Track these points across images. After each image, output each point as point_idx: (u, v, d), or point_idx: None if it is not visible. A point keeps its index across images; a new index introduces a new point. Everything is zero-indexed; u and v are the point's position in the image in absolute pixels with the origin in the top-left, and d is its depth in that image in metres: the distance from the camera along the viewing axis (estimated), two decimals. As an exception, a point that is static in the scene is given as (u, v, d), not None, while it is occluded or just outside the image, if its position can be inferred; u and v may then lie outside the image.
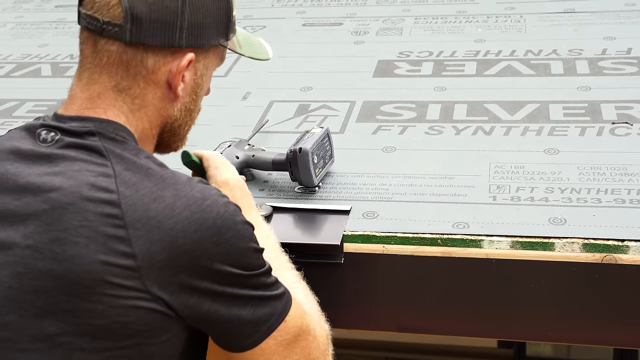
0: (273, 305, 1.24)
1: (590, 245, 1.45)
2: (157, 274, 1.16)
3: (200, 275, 1.18)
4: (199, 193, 1.20)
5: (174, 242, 1.16)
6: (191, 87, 1.33)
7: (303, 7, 2.81)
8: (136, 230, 1.15)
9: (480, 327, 1.54)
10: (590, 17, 2.53)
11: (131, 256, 1.15)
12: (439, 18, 2.61)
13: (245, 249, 1.21)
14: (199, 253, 1.17)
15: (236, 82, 2.25)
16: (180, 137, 1.38)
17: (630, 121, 1.87)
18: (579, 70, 2.16)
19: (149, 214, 1.16)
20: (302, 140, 1.66)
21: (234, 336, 1.23)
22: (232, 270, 1.20)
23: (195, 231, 1.17)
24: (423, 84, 2.16)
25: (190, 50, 1.29)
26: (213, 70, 1.39)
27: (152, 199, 1.18)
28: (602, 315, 1.46)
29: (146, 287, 1.15)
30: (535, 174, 1.68)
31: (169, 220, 1.16)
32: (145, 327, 1.17)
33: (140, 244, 1.15)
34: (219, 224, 1.19)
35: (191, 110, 1.36)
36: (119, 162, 1.21)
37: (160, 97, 1.30)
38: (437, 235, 1.51)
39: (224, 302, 1.20)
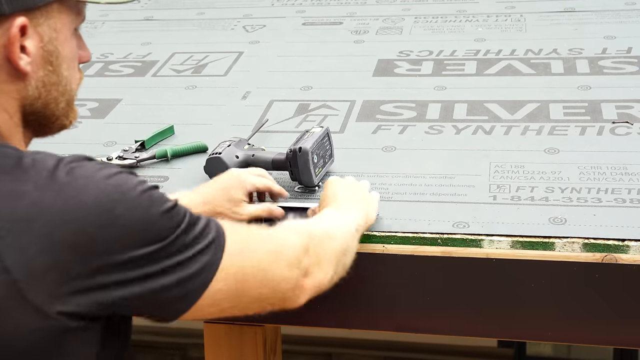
0: (202, 260, 1.10)
1: (590, 245, 1.45)
2: (42, 282, 0.98)
3: (102, 269, 1.01)
4: (70, 174, 1.02)
5: (51, 241, 0.99)
6: (41, 56, 1.11)
7: (303, 6, 2.81)
8: (2, 239, 0.98)
9: (481, 327, 1.54)
10: (590, 16, 2.53)
11: (3, 272, 0.97)
12: (439, 17, 2.61)
13: (149, 216, 1.05)
14: (86, 242, 1.00)
15: (236, 82, 2.25)
16: (56, 115, 1.17)
17: (631, 120, 1.87)
18: (579, 70, 2.16)
19: (14, 216, 0.99)
20: (302, 139, 1.66)
21: (166, 307, 1.10)
22: (140, 251, 1.03)
23: (75, 219, 1.00)
24: (423, 83, 2.16)
25: (20, 14, 1.08)
26: (70, 30, 1.16)
27: (15, 198, 1.00)
28: (603, 315, 1.46)
29: (34, 304, 0.98)
30: (535, 174, 1.68)
31: (39, 218, 0.99)
32: (47, 349, 1.01)
33: (11, 255, 0.97)
34: (103, 201, 1.01)
35: (54, 83, 1.14)
36: None
37: (5, 78, 1.09)
38: (437, 235, 1.51)
39: (143, 283, 1.05)
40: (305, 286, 1.25)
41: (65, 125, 1.20)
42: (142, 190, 1.06)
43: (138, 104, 2.17)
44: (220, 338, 1.70)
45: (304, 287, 1.25)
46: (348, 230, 1.38)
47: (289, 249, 1.23)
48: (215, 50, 2.48)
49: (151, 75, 2.34)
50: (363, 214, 1.45)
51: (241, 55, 2.43)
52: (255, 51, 2.46)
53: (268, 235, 1.26)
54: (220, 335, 1.70)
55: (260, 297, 1.20)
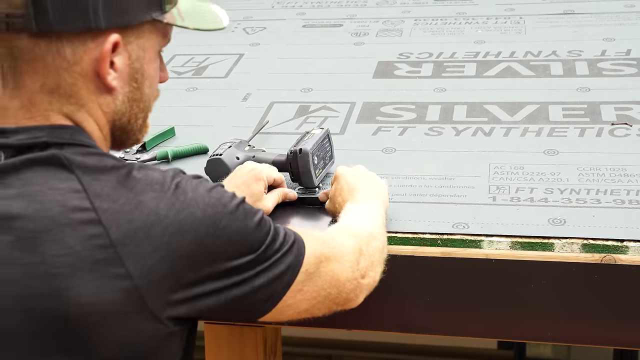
0: (286, 263, 1.18)
1: (589, 246, 1.45)
2: (159, 289, 1.05)
3: (208, 277, 1.09)
4: (178, 188, 1.08)
5: (169, 249, 1.05)
6: (127, 74, 1.15)
7: (303, 8, 2.82)
8: (125, 246, 1.03)
9: (480, 328, 1.54)
10: (589, 18, 2.53)
11: (126, 277, 1.03)
12: (439, 19, 2.62)
13: (246, 228, 1.13)
14: (200, 252, 1.07)
15: (236, 83, 2.26)
16: (134, 131, 1.22)
17: (630, 122, 1.87)
18: (579, 72, 2.16)
19: (134, 224, 1.04)
20: (302, 141, 1.66)
21: (252, 308, 1.18)
22: (240, 261, 1.12)
23: (189, 230, 1.07)
24: (423, 85, 2.17)
25: (114, 31, 1.11)
26: (156, 51, 1.21)
27: (133, 207, 1.05)
28: (602, 315, 1.47)
29: (149, 308, 1.04)
30: (534, 175, 1.68)
31: (157, 227, 1.05)
32: (151, 350, 1.07)
33: (133, 261, 1.03)
34: (209, 213, 1.09)
35: (136, 100, 1.18)
36: (84, 172, 1.06)
37: (95, 91, 1.13)
38: (436, 236, 1.51)
39: (239, 288, 1.13)
40: (363, 286, 1.33)
41: (139, 140, 1.25)
42: (237, 203, 1.13)
43: (139, 105, 2.17)
44: (220, 339, 1.70)
45: (363, 287, 1.33)
46: (382, 226, 1.43)
47: (349, 252, 1.30)
48: (216, 52, 2.49)
49: (152, 77, 2.35)
50: (383, 206, 1.48)
51: (242, 57, 2.43)
52: (256, 53, 2.47)
53: (329, 238, 1.31)
54: (220, 337, 1.70)
55: (329, 296, 1.28)
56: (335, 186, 1.52)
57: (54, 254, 1.01)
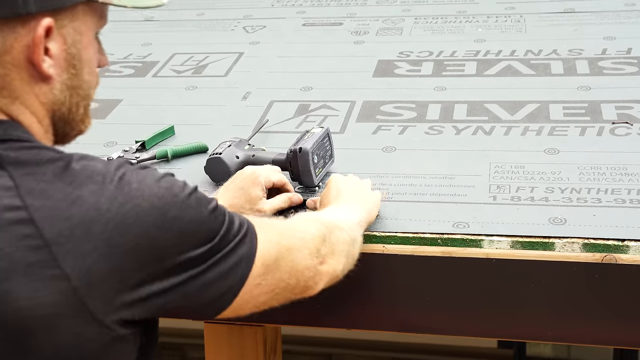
0: (239, 254, 1.11)
1: (590, 245, 1.45)
2: (100, 290, 0.98)
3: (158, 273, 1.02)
4: (122, 179, 1.01)
5: (110, 246, 0.98)
6: (64, 59, 1.08)
7: (303, 7, 2.81)
8: (60, 246, 0.96)
9: (480, 327, 1.54)
10: (590, 17, 2.53)
11: (63, 278, 0.96)
12: (439, 18, 2.61)
13: (199, 217, 1.06)
14: (147, 246, 1.00)
15: (236, 82, 2.25)
16: (76, 121, 1.14)
17: (630, 121, 1.87)
18: (579, 70, 2.16)
19: (71, 222, 0.97)
20: (302, 140, 1.66)
21: (207, 303, 1.11)
22: (193, 253, 1.05)
23: (133, 223, 0.99)
24: (423, 83, 2.16)
25: (46, 14, 1.04)
26: (93, 33, 1.13)
27: (70, 202, 0.98)
28: (602, 315, 1.46)
29: (89, 310, 0.98)
30: (535, 174, 1.68)
31: (97, 223, 0.98)
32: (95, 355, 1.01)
33: (70, 261, 0.96)
34: (157, 204, 1.01)
35: (75, 87, 1.11)
36: (16, 168, 0.99)
37: (29, 80, 1.06)
38: (437, 235, 1.51)
39: (193, 283, 1.06)
40: (322, 274, 1.28)
41: (82, 131, 1.17)
42: (189, 192, 1.06)
43: (138, 104, 2.17)
44: (220, 338, 1.70)
45: (322, 274, 1.28)
46: (353, 222, 1.40)
47: (309, 239, 1.26)
48: (216, 50, 2.48)
49: (152, 76, 2.35)
50: (365, 212, 1.46)
51: (241, 56, 2.43)
52: (256, 52, 2.46)
53: (290, 226, 1.28)
54: (220, 335, 1.70)
55: (287, 287, 1.23)
56: (324, 192, 1.51)
57: None
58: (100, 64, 1.18)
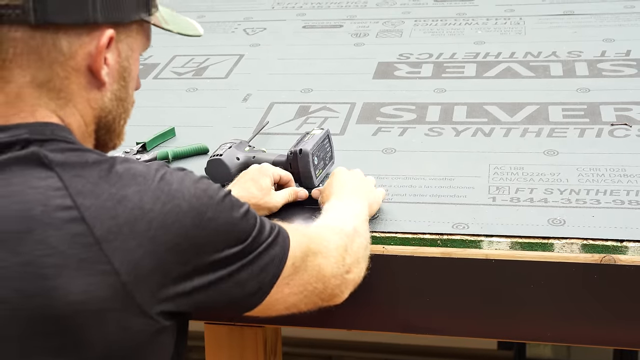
0: (272, 254, 1.17)
1: (589, 246, 1.46)
2: (146, 284, 1.03)
3: (196, 270, 1.08)
4: (163, 180, 1.06)
5: (154, 243, 1.03)
6: (117, 71, 1.15)
7: (303, 9, 2.82)
8: (109, 243, 1.01)
9: (480, 328, 1.54)
10: (589, 19, 2.54)
11: (113, 274, 1.01)
12: (439, 20, 2.62)
13: (232, 219, 1.11)
14: (186, 245, 1.06)
15: (236, 84, 2.26)
16: (117, 132, 1.21)
17: (629, 123, 1.88)
18: (578, 72, 2.17)
19: (118, 220, 1.02)
20: (303, 141, 1.67)
21: (240, 299, 1.17)
22: (227, 252, 1.11)
23: (174, 222, 1.05)
24: (423, 85, 2.17)
25: (109, 26, 1.11)
26: (139, 53, 1.21)
27: (116, 202, 1.03)
28: (601, 315, 1.47)
29: (137, 303, 1.03)
30: (534, 175, 1.68)
31: (141, 221, 1.03)
32: (142, 345, 1.06)
33: (119, 257, 1.01)
34: (195, 205, 1.07)
35: (122, 99, 1.18)
36: (65, 169, 1.04)
37: (85, 86, 1.12)
38: (436, 236, 1.51)
39: (227, 280, 1.12)
40: (348, 282, 1.33)
41: (116, 145, 1.23)
42: (224, 194, 1.12)
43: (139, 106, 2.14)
44: (220, 339, 1.70)
45: (348, 283, 1.33)
46: (365, 223, 1.44)
47: (333, 248, 1.31)
48: (216, 53, 2.49)
49: (152, 78, 2.35)
50: (367, 207, 1.49)
51: (242, 58, 2.44)
52: (256, 54, 2.47)
53: (316, 233, 1.32)
54: (220, 337, 1.70)
55: (315, 291, 1.28)
56: (328, 182, 1.55)
57: (39, 254, 1.00)
58: (137, 86, 1.24)
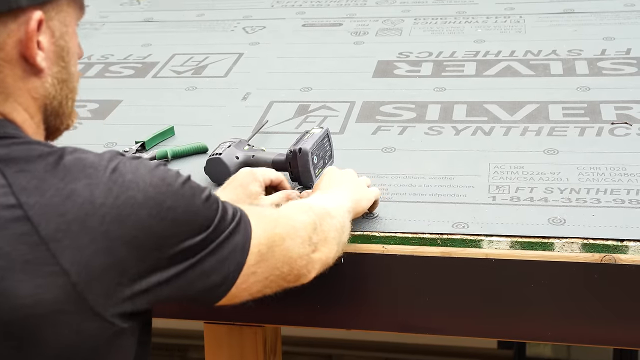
0: (234, 242, 1.12)
1: (589, 245, 1.45)
2: (100, 284, 0.98)
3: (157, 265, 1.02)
4: (115, 171, 1.01)
5: (109, 239, 0.98)
6: (54, 52, 1.08)
7: (303, 7, 2.81)
8: (58, 242, 0.96)
9: (480, 327, 1.54)
10: (589, 17, 2.53)
11: (62, 274, 0.96)
12: (439, 18, 2.62)
13: (193, 207, 1.06)
14: (144, 238, 1.00)
15: (236, 83, 2.26)
16: (67, 114, 1.14)
17: (630, 121, 1.87)
18: (579, 71, 2.16)
19: (67, 217, 0.96)
20: (302, 140, 1.66)
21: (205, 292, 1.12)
22: (189, 242, 1.05)
23: (129, 214, 0.99)
24: (423, 84, 2.17)
25: (35, 8, 1.04)
26: (75, 25, 1.13)
27: (64, 197, 0.97)
28: (601, 315, 1.47)
29: (90, 305, 0.98)
30: (534, 174, 1.68)
31: (93, 217, 0.97)
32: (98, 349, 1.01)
33: (68, 257, 0.96)
34: (152, 194, 1.01)
35: (65, 80, 1.12)
36: (8, 165, 0.99)
37: (22, 76, 1.05)
38: (436, 236, 1.51)
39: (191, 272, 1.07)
40: (315, 262, 1.29)
41: (69, 125, 1.17)
42: (183, 181, 1.07)
43: (138, 105, 2.18)
44: (220, 339, 1.70)
45: (314, 262, 1.29)
46: (342, 209, 1.40)
47: (301, 227, 1.26)
48: (215, 51, 2.48)
49: (151, 77, 2.35)
50: (352, 201, 1.45)
51: (241, 57, 2.43)
52: (255, 52, 2.46)
53: (281, 214, 1.28)
54: (220, 336, 1.70)
55: (281, 275, 1.23)
56: (318, 181, 1.52)
57: None
58: (79, 56, 1.17)
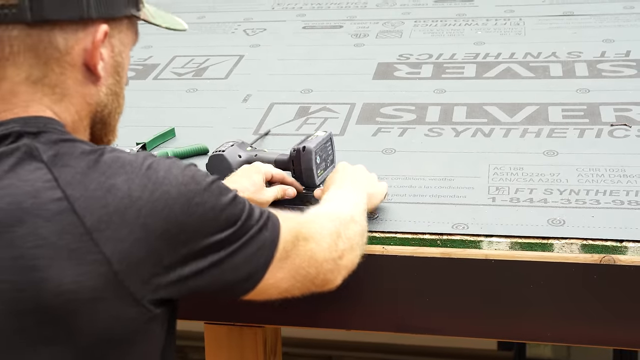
0: (262, 239, 1.18)
1: (588, 246, 1.46)
2: (138, 272, 1.05)
3: (187, 256, 1.09)
4: (150, 169, 1.08)
5: (145, 231, 1.05)
6: (111, 65, 1.17)
7: (303, 9, 2.82)
8: (101, 232, 1.02)
9: (480, 328, 1.54)
10: (589, 20, 2.54)
11: (104, 263, 1.03)
12: (439, 21, 2.62)
13: (220, 204, 1.12)
14: (175, 231, 1.07)
15: (236, 85, 2.26)
16: (112, 127, 1.22)
17: (629, 123, 1.88)
18: (578, 73, 2.17)
19: (108, 209, 1.03)
20: (306, 140, 1.67)
21: (234, 284, 1.18)
22: (217, 237, 1.12)
23: (163, 209, 1.06)
24: (423, 86, 2.17)
25: (102, 21, 1.13)
26: (130, 48, 1.23)
27: (105, 191, 1.04)
28: (601, 315, 1.47)
29: (130, 291, 1.04)
30: (534, 176, 1.69)
31: (131, 209, 1.04)
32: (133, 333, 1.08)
33: (110, 246, 1.03)
34: (183, 191, 1.08)
35: (117, 94, 1.20)
36: (54, 161, 1.06)
37: (82, 81, 1.14)
38: (436, 236, 1.52)
39: (220, 265, 1.13)
40: (341, 267, 1.33)
41: (110, 142, 1.24)
42: (211, 180, 1.13)
43: (139, 107, 2.18)
44: (220, 340, 1.70)
45: (341, 269, 1.33)
46: (361, 209, 1.44)
47: (327, 234, 1.31)
48: (216, 53, 2.49)
49: (152, 79, 2.35)
50: (366, 197, 1.49)
51: (242, 59, 2.44)
52: (256, 54, 2.47)
53: (308, 219, 1.32)
54: (220, 337, 1.70)
55: (308, 276, 1.28)
56: (331, 174, 1.55)
57: (30, 246, 1.01)
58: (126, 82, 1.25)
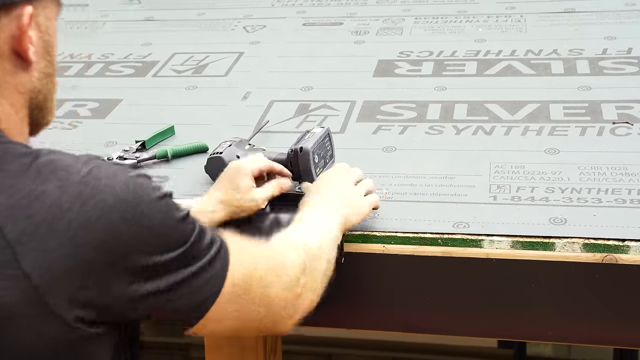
0: (213, 270, 1.08)
1: (590, 245, 1.45)
2: (63, 286, 0.95)
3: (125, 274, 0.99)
4: (90, 174, 0.98)
5: (76, 245, 0.95)
6: (42, 47, 1.09)
7: (303, 6, 2.81)
8: (23, 245, 0.94)
9: (481, 327, 1.54)
10: (590, 16, 2.53)
11: (24, 278, 0.94)
12: (440, 18, 2.61)
13: (169, 220, 1.03)
14: (112, 242, 0.97)
15: (236, 82, 2.25)
16: (49, 109, 1.14)
17: (631, 121, 1.87)
18: (580, 70, 2.16)
19: (33, 219, 0.94)
20: (303, 139, 1.66)
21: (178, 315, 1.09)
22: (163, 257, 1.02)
23: (98, 218, 0.96)
24: (423, 83, 2.16)
25: (25, 3, 1.05)
26: (55, 20, 1.13)
27: (34, 199, 0.95)
28: (602, 315, 1.46)
29: (51, 309, 0.95)
30: (535, 174, 1.68)
31: (60, 220, 0.95)
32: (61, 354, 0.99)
33: (31, 261, 0.94)
34: (125, 197, 0.98)
35: (50, 74, 1.12)
36: None
37: (11, 70, 1.06)
38: (437, 235, 1.51)
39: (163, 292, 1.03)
40: (297, 308, 1.23)
41: (49, 122, 1.16)
42: (160, 195, 1.04)
43: (138, 104, 2.17)
44: (220, 338, 1.70)
45: (297, 308, 1.23)
46: (335, 241, 1.36)
47: (289, 267, 1.22)
48: (216, 50, 2.48)
49: (152, 76, 2.35)
50: (342, 217, 1.41)
51: (241, 56, 2.43)
52: (256, 51, 2.46)
53: (268, 249, 1.23)
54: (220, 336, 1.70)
55: (257, 316, 1.18)
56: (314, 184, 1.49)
57: None
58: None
